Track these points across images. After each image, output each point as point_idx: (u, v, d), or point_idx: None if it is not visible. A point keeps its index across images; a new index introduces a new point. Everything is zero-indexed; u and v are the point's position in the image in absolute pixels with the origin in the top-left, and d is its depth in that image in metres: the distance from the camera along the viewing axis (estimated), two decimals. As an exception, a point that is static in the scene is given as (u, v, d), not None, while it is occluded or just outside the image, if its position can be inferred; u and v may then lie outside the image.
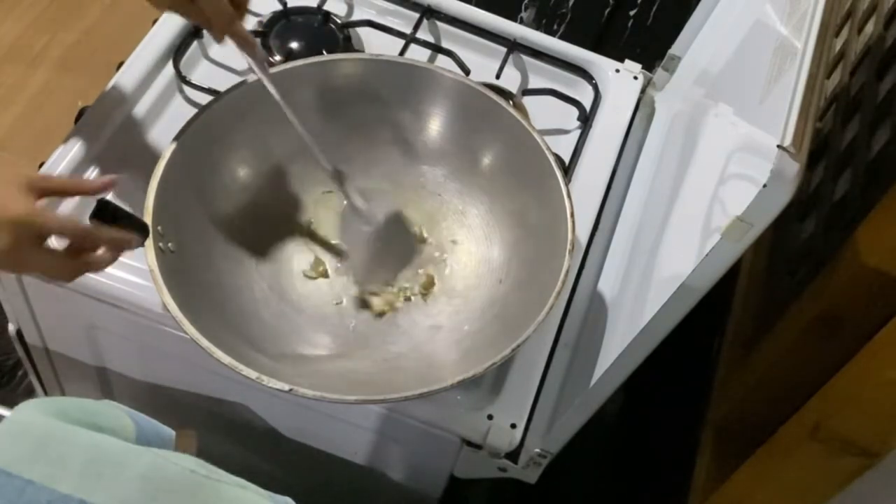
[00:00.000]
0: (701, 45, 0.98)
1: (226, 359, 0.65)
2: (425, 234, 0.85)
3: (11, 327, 0.92)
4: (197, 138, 0.78)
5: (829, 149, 0.82)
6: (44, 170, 0.85)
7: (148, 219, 0.70)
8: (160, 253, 0.70)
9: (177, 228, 0.74)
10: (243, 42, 0.76)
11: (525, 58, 1.04)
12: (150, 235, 0.69)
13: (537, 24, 1.33)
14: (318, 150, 0.79)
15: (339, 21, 1.01)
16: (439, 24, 1.05)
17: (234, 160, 0.82)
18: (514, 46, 1.03)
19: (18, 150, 1.25)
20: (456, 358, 0.76)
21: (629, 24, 1.34)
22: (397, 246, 0.85)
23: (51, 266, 0.63)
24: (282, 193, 0.85)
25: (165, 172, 0.74)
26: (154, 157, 0.76)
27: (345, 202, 0.84)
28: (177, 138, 0.76)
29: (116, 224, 0.65)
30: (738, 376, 0.83)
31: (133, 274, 0.80)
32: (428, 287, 0.82)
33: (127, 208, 0.67)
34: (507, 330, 0.72)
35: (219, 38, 0.76)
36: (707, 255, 0.57)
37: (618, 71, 1.04)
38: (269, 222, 0.83)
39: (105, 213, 0.64)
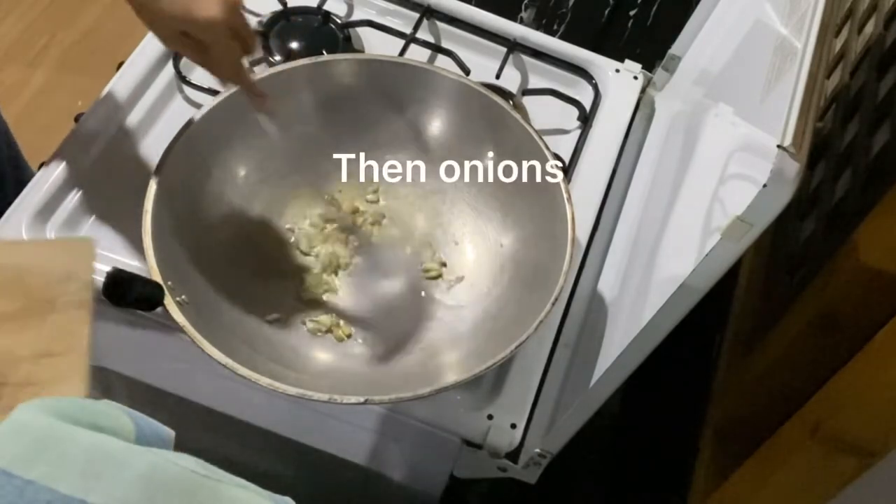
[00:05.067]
0: (701, 45, 0.98)
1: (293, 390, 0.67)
2: (426, 235, 0.86)
3: (11, 327, 0.92)
4: (171, 181, 0.75)
5: (829, 149, 0.82)
6: (44, 170, 0.85)
7: (157, 278, 0.68)
8: (181, 307, 0.68)
9: (183, 280, 0.72)
10: (251, 93, 0.75)
11: (525, 58, 1.04)
12: (167, 293, 0.67)
13: (537, 24, 1.33)
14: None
15: (339, 21, 1.01)
16: (439, 24, 1.05)
17: (214, 204, 0.80)
18: (514, 46, 1.03)
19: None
20: (456, 358, 0.76)
21: (629, 24, 1.33)
22: (396, 259, 0.85)
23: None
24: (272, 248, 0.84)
25: (154, 227, 0.71)
26: (154, 157, 0.76)
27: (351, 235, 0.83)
28: (153, 187, 0.74)
29: (132, 291, 0.63)
30: (738, 376, 0.83)
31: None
32: (438, 276, 0.83)
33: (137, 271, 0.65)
34: (507, 330, 0.72)
35: (223, 82, 0.75)
36: (707, 255, 0.57)
37: (618, 71, 1.04)
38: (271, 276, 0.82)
39: (118, 281, 0.62)
